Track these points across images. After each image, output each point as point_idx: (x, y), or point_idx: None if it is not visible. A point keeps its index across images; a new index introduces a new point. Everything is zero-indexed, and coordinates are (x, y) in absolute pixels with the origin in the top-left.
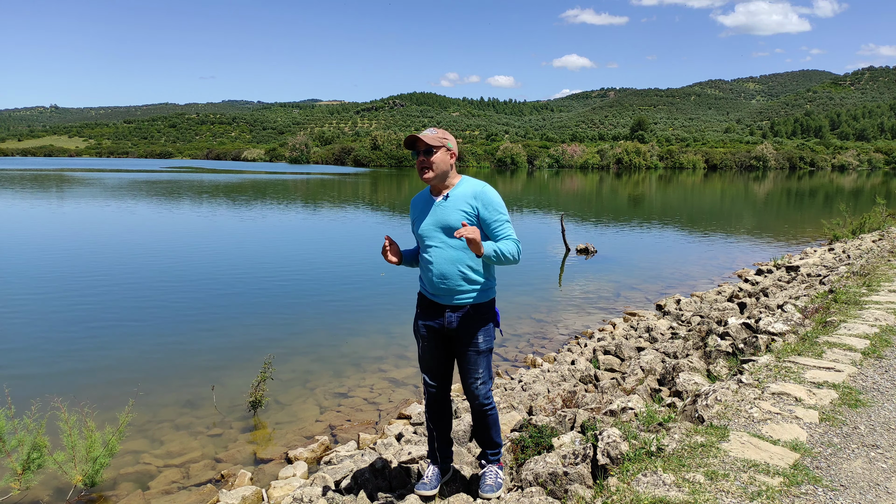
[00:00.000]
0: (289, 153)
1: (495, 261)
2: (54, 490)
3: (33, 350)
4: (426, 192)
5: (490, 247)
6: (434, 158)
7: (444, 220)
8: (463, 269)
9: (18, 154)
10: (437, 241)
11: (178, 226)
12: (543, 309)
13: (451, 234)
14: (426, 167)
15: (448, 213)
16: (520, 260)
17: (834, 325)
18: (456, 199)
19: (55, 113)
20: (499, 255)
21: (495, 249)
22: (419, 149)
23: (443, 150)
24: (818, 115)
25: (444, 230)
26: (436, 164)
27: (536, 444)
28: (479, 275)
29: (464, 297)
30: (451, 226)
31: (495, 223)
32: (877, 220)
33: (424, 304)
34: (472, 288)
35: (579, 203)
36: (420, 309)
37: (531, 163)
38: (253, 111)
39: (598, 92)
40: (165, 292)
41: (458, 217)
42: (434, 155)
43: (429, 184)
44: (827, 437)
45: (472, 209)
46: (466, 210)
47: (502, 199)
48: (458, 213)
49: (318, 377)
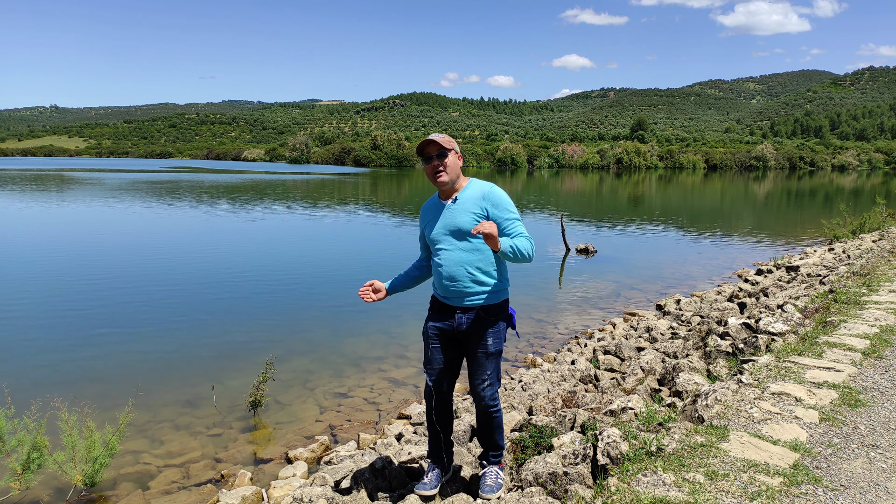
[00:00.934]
0: (289, 153)
1: (511, 257)
2: (54, 490)
3: (33, 350)
4: (435, 198)
5: (506, 242)
6: (447, 161)
7: (454, 224)
8: (471, 271)
9: (18, 154)
10: (447, 244)
11: (179, 226)
12: (543, 309)
13: (461, 237)
14: (441, 170)
15: (458, 215)
16: (533, 257)
17: (834, 325)
18: (465, 201)
19: (55, 113)
20: (515, 251)
21: (511, 245)
22: (431, 153)
23: (453, 152)
24: (818, 115)
25: (453, 233)
26: (449, 168)
27: (536, 444)
28: (488, 276)
29: (473, 299)
30: (461, 228)
31: (507, 222)
32: (877, 220)
33: (436, 307)
34: (481, 290)
35: (579, 203)
36: (431, 311)
37: (531, 163)
38: (253, 111)
39: (598, 92)
40: (166, 292)
41: (468, 220)
42: (447, 158)
43: (442, 187)
44: (827, 437)
45: (481, 210)
46: (476, 212)
47: (509, 199)
48: (469, 216)
49: (318, 377)
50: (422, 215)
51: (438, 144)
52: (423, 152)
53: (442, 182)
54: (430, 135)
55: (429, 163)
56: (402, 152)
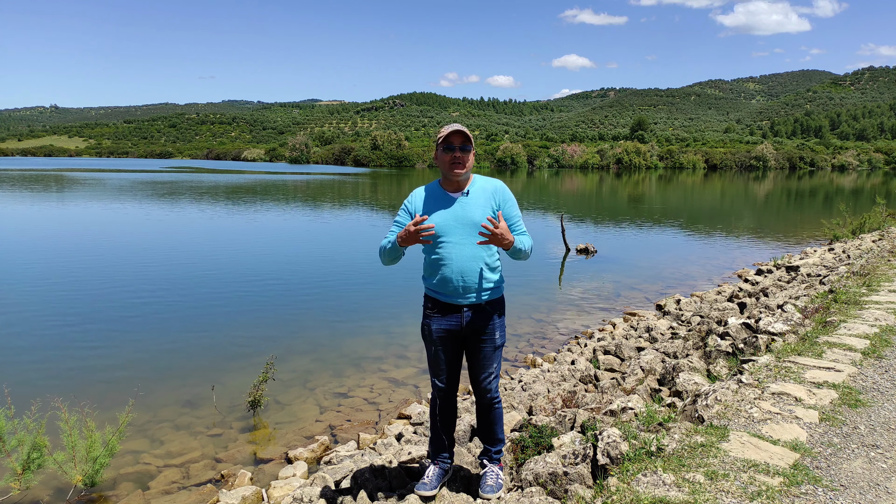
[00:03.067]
0: (289, 153)
1: (517, 254)
2: (54, 490)
3: (33, 350)
4: (435, 187)
5: (517, 238)
6: (469, 155)
7: (469, 217)
8: (482, 266)
9: (18, 154)
10: (458, 238)
11: (178, 226)
12: (543, 309)
13: (474, 232)
14: (462, 162)
15: (472, 209)
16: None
17: (834, 325)
18: (477, 195)
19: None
20: (521, 248)
21: (520, 242)
22: (456, 144)
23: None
24: (818, 115)
25: (467, 226)
26: (469, 161)
27: (536, 444)
28: (495, 272)
29: (483, 295)
30: (476, 222)
31: (514, 218)
32: (877, 220)
33: (438, 306)
34: (490, 285)
35: (579, 203)
36: (431, 312)
37: (531, 163)
38: (253, 111)
39: (597, 92)
40: (166, 292)
41: (484, 213)
42: (470, 152)
43: (458, 178)
44: (827, 437)
45: (496, 205)
46: (490, 207)
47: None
48: (485, 210)
49: (318, 377)
50: (415, 201)
51: (465, 135)
52: (448, 140)
53: (457, 174)
54: (454, 125)
55: (450, 152)
56: (402, 152)
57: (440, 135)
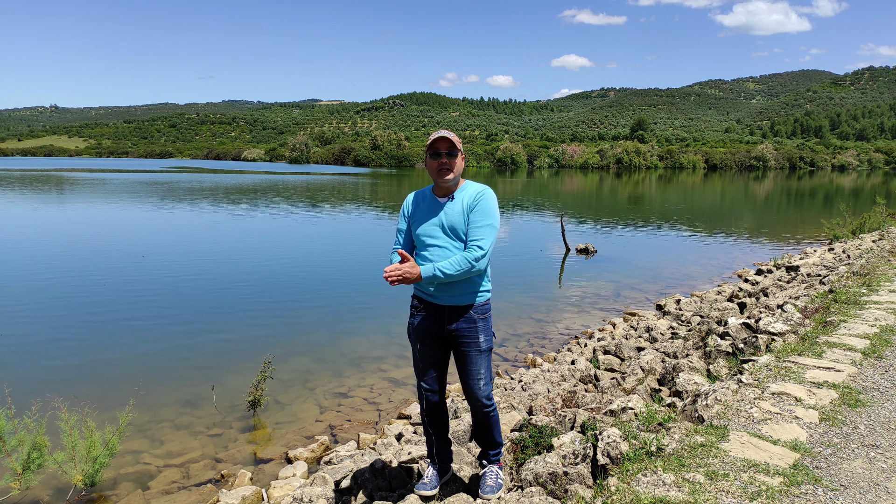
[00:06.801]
0: (289, 153)
1: (445, 279)
2: (54, 490)
3: (34, 350)
4: (427, 192)
5: (428, 270)
6: (456, 160)
7: (451, 222)
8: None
9: (18, 154)
10: (442, 242)
11: (178, 226)
12: (543, 309)
13: (457, 236)
14: (448, 168)
15: (453, 214)
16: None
17: (834, 325)
18: (459, 201)
19: (55, 113)
20: (445, 274)
21: (439, 270)
22: (442, 150)
23: (460, 154)
24: (818, 115)
25: (449, 231)
26: (456, 166)
27: (536, 444)
28: (479, 276)
29: (466, 298)
30: (455, 227)
31: (474, 224)
32: (877, 220)
33: (422, 307)
34: (472, 288)
35: (579, 203)
36: (416, 311)
37: (531, 163)
38: (253, 111)
39: (597, 92)
40: (166, 292)
41: (461, 219)
42: (456, 158)
43: (446, 185)
44: (827, 437)
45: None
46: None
47: (497, 207)
48: (461, 215)
49: (318, 377)
50: (409, 207)
51: (450, 142)
52: (434, 147)
53: (446, 180)
54: (441, 131)
55: (437, 158)
56: (402, 152)
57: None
